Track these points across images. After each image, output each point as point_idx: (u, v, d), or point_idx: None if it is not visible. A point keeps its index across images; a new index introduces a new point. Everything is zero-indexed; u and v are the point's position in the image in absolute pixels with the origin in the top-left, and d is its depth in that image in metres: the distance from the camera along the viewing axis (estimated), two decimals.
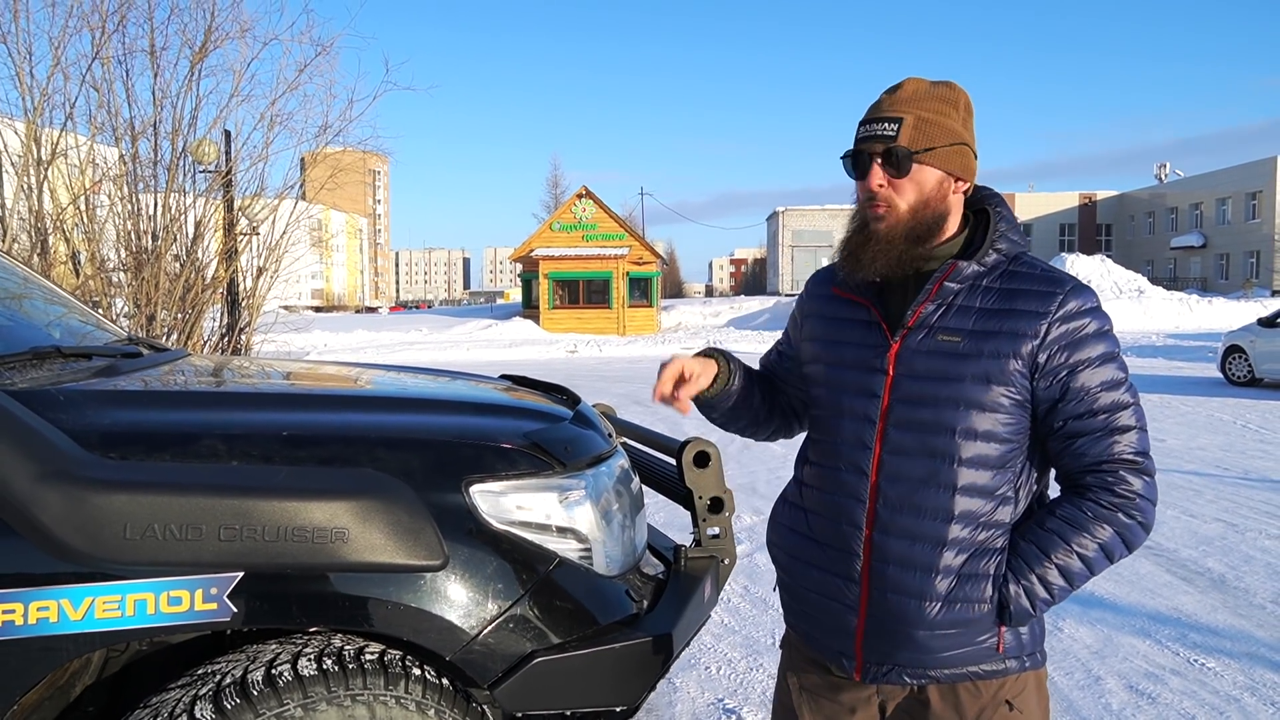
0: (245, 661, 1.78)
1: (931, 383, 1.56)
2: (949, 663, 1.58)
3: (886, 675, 1.62)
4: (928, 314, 1.59)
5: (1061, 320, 1.54)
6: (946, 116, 1.59)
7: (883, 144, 1.57)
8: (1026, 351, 1.53)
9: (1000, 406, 1.54)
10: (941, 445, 1.55)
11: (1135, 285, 35.86)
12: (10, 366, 2.05)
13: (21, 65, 8.49)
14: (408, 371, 2.97)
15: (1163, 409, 11.84)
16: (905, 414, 1.58)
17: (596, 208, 37.14)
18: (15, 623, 1.62)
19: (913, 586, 1.56)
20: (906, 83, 1.61)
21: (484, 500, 1.89)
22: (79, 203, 8.87)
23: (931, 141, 1.57)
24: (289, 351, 12.32)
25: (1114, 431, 1.54)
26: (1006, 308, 1.56)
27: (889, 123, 1.57)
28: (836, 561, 1.64)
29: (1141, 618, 4.39)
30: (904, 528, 1.57)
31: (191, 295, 9.36)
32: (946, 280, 1.59)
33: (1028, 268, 1.62)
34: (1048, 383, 1.54)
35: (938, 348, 1.57)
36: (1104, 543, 1.53)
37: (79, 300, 7.73)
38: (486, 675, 1.84)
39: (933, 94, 1.59)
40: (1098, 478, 1.54)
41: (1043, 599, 1.54)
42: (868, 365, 1.63)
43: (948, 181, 1.60)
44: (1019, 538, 1.57)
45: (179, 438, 1.81)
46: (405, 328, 36.20)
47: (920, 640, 1.57)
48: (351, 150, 11.88)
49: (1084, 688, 3.61)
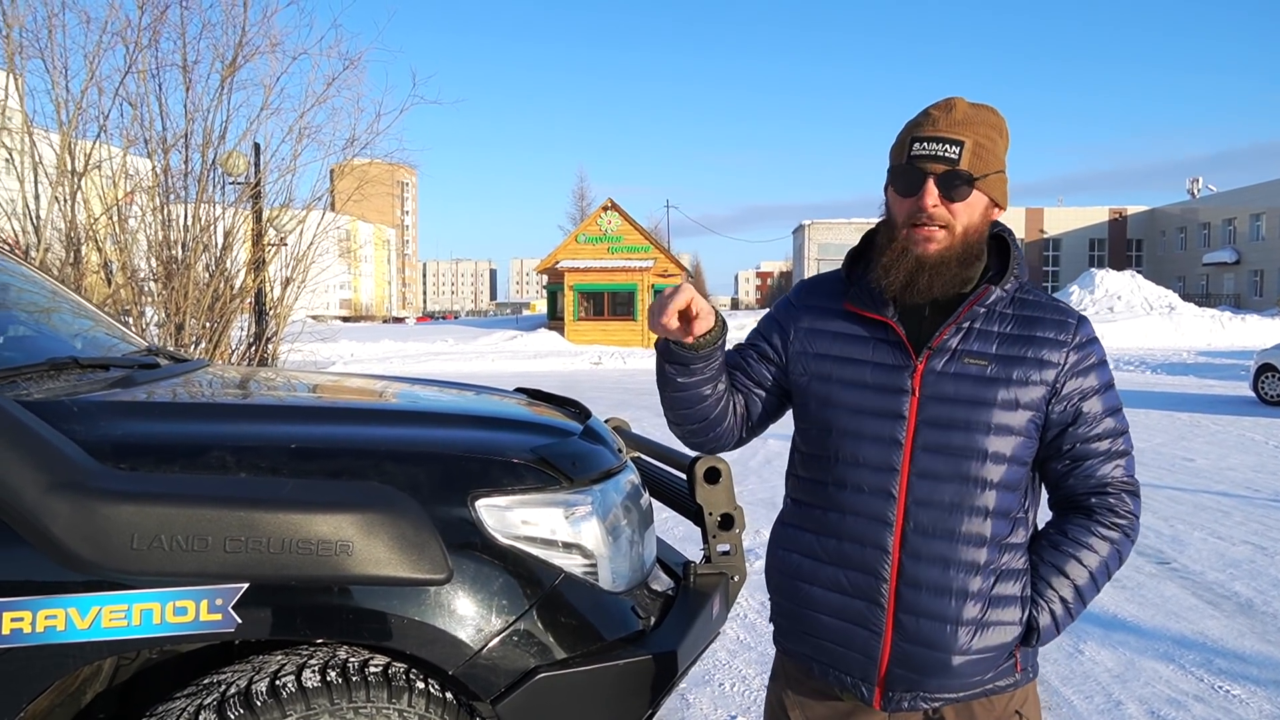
0: (250, 672, 1.79)
1: (962, 406, 1.57)
2: (974, 686, 1.59)
3: (911, 703, 1.60)
4: (950, 336, 1.59)
5: (1076, 348, 1.60)
6: (995, 144, 1.59)
7: (945, 165, 1.55)
8: (1049, 376, 1.58)
9: (1024, 430, 1.58)
10: (973, 469, 1.56)
11: (1166, 301, 35.43)
12: (28, 377, 2.09)
13: (58, 79, 8.67)
14: (422, 384, 2.98)
15: (1192, 428, 11.66)
16: (935, 438, 1.57)
17: (622, 220, 37.24)
18: (24, 630, 1.64)
19: (948, 612, 1.55)
20: (958, 103, 1.58)
21: (489, 515, 1.89)
22: (111, 213, 9.02)
23: (987, 168, 1.57)
24: (315, 361, 12.43)
25: (1115, 455, 1.62)
26: (1028, 334, 1.60)
27: (950, 144, 1.54)
28: (859, 586, 1.60)
29: (1165, 641, 4.31)
30: (938, 553, 1.56)
31: (220, 305, 9.48)
32: (976, 304, 1.60)
33: (1034, 296, 1.66)
34: (1063, 407, 1.59)
35: (965, 371, 1.58)
36: (1107, 559, 1.61)
37: (110, 309, 7.80)
38: (489, 690, 1.84)
39: (984, 119, 1.58)
40: (1101, 499, 1.62)
41: (1063, 618, 1.60)
42: (892, 386, 1.60)
43: (991, 209, 1.62)
44: (1038, 560, 1.62)
45: (188, 449, 1.83)
46: (431, 338, 36.43)
47: (955, 666, 1.56)
48: (378, 162, 12.00)
49: (1104, 712, 3.55)
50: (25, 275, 3.02)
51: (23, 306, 2.83)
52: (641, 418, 12.57)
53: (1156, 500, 7.22)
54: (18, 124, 8.44)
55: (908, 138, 1.59)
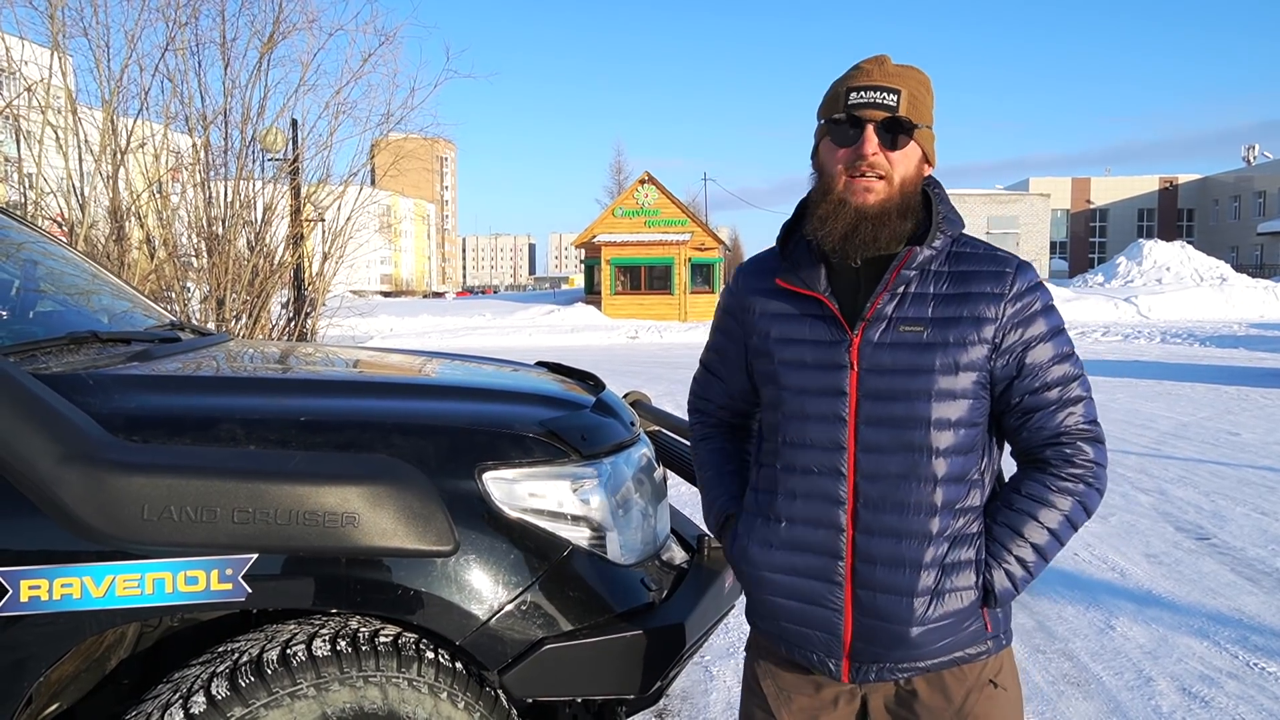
0: (263, 640, 1.82)
1: (900, 375, 1.54)
2: (939, 653, 1.57)
3: (878, 674, 1.59)
4: (884, 304, 1.55)
5: (1015, 299, 1.55)
6: (925, 99, 1.57)
7: (885, 112, 1.52)
8: (988, 333, 1.54)
9: (969, 392, 1.55)
10: (919, 439, 1.53)
11: (1217, 273, 34.53)
12: (47, 351, 2.13)
13: (100, 57, 8.80)
14: (438, 357, 3.00)
15: (1240, 402, 11.39)
16: (877, 410, 1.55)
17: (659, 194, 37.07)
18: (40, 598, 1.68)
19: (903, 584, 1.53)
20: (886, 59, 1.57)
21: (497, 487, 1.90)
22: (153, 189, 9.16)
23: (922, 119, 1.56)
24: (353, 336, 12.58)
25: (1068, 403, 1.57)
26: (963, 291, 1.56)
27: (888, 93, 1.52)
28: (817, 567, 1.59)
29: (1200, 618, 4.23)
30: (889, 526, 1.54)
31: (259, 280, 9.61)
32: (903, 268, 1.55)
33: (971, 248, 1.61)
34: (1005, 361, 1.56)
35: (901, 339, 1.54)
36: (1069, 513, 1.57)
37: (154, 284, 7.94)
38: (497, 660, 1.85)
39: (913, 75, 1.57)
40: (1057, 450, 1.57)
41: (1022, 578, 1.57)
42: (830, 362, 1.57)
43: (923, 163, 1.60)
44: (991, 521, 1.59)
45: (199, 422, 1.85)
46: (469, 313, 36.67)
47: (914, 638, 1.54)
48: (416, 137, 12.03)
49: (1133, 688, 3.51)
50: (55, 252, 3.08)
51: (50, 283, 2.88)
52: (675, 391, 12.57)
53: (1198, 475, 7.08)
54: (63, 102, 8.59)
55: (842, 89, 1.56)
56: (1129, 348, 20.31)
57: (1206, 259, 36.16)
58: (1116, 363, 16.54)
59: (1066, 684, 3.55)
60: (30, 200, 8.45)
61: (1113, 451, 7.86)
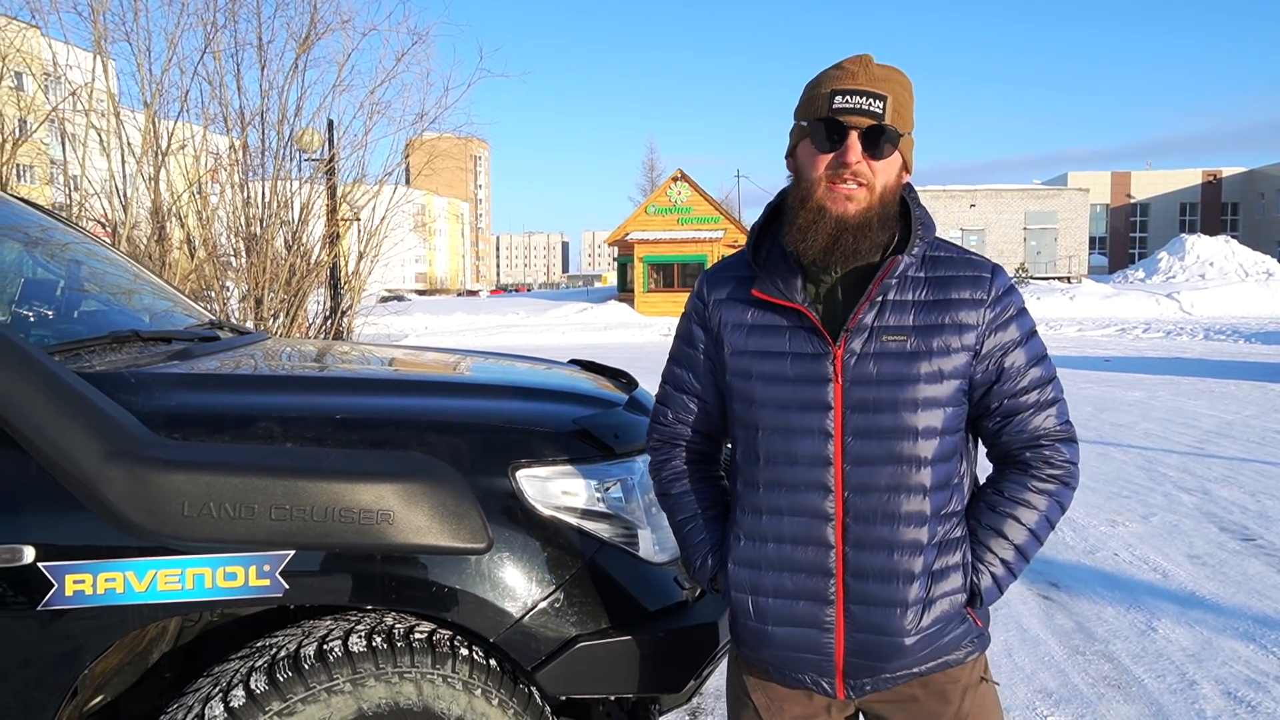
0: (300, 636, 1.84)
1: (886, 386, 1.51)
2: (933, 656, 1.57)
3: (874, 686, 1.58)
4: (864, 314, 1.52)
5: (993, 303, 1.55)
6: (908, 105, 1.54)
7: (870, 119, 1.47)
8: (970, 340, 1.53)
9: (952, 399, 1.54)
10: (907, 449, 1.51)
11: (1263, 268, 33.81)
12: (91, 350, 2.17)
13: (141, 60, 8.96)
14: (474, 355, 3.02)
15: None
16: (863, 422, 1.51)
17: (692, 191, 37.02)
18: (85, 593, 1.71)
19: (896, 596, 1.52)
20: (870, 59, 1.52)
21: (530, 485, 1.91)
22: (193, 190, 9.31)
23: (906, 126, 1.53)
24: (389, 335, 12.70)
25: (1045, 405, 1.57)
26: (944, 298, 1.54)
27: (875, 99, 1.47)
28: (807, 586, 1.55)
29: (1246, 620, 4.14)
30: (880, 539, 1.52)
31: (296, 279, 9.73)
32: (885, 277, 1.52)
33: (944, 251, 1.59)
34: (985, 366, 1.55)
35: (884, 349, 1.51)
36: (1046, 512, 1.57)
37: (194, 283, 8.07)
38: (531, 658, 1.86)
39: (897, 79, 1.52)
40: (1036, 453, 1.58)
41: (1005, 577, 1.58)
42: (814, 376, 1.53)
43: (902, 171, 1.56)
44: (975, 523, 1.59)
45: (238, 419, 1.88)
46: (503, 311, 36.88)
47: (908, 646, 1.53)
48: (449, 136, 12.12)
49: (1176, 692, 3.44)
50: (99, 252, 3.14)
51: (94, 283, 2.94)
52: None
53: (1244, 474, 6.94)
54: (106, 106, 8.75)
55: (824, 91, 1.50)
56: (1171, 344, 19.94)
57: (1252, 254, 35.42)
58: (1158, 360, 16.26)
59: (1107, 686, 3.50)
60: (75, 202, 8.63)
61: (1155, 450, 7.74)
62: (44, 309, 2.67)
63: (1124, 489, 6.55)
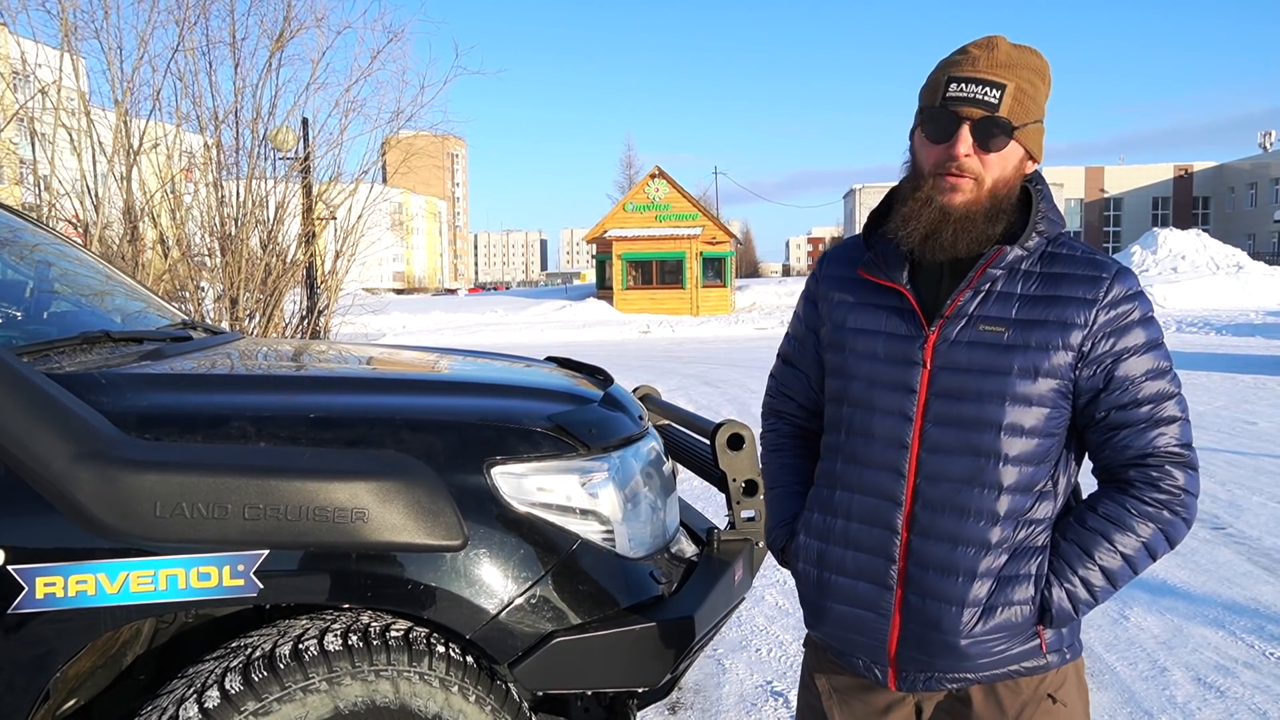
0: (275, 635, 1.84)
1: (974, 376, 1.47)
2: (990, 666, 1.51)
3: (925, 683, 1.54)
4: (965, 301, 1.48)
5: (1109, 306, 1.46)
6: (1038, 90, 1.46)
7: (982, 110, 1.42)
8: (1075, 340, 1.45)
9: (1046, 400, 1.46)
10: (986, 443, 1.46)
11: (1234, 260, 34.20)
12: (60, 351, 2.15)
13: (112, 58, 8.86)
14: (447, 353, 3.01)
15: (1256, 390, 11.30)
16: (945, 409, 1.48)
17: (670, 188, 37.02)
18: (56, 595, 1.70)
19: (954, 593, 1.48)
20: (1000, 41, 1.45)
21: (505, 482, 1.91)
22: (166, 189, 9.22)
23: (1027, 116, 1.45)
24: (366, 334, 12.62)
25: (1159, 423, 1.46)
26: (1052, 294, 1.47)
27: (991, 88, 1.41)
28: (869, 568, 1.54)
29: (1215, 607, 4.21)
30: (946, 531, 1.48)
31: (272, 279, 9.66)
32: (990, 266, 1.47)
33: (1068, 249, 1.51)
34: (1092, 371, 1.46)
35: (979, 338, 1.47)
36: (1147, 541, 1.46)
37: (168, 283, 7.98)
38: (507, 654, 1.86)
39: (1027, 62, 1.45)
40: (1141, 472, 1.47)
41: (1085, 600, 1.48)
42: (903, 357, 1.52)
43: (1025, 161, 1.50)
44: (1059, 537, 1.50)
45: (210, 419, 1.87)
46: (482, 309, 36.75)
47: (960, 648, 1.48)
48: (425, 134, 12.05)
49: (1148, 679, 3.49)
50: (70, 254, 3.10)
51: (64, 284, 2.91)
52: (688, 385, 12.56)
53: (1214, 464, 7.04)
54: (77, 104, 8.64)
55: (943, 77, 1.45)
56: None
57: (1222, 247, 35.83)
58: None
59: None
60: (45, 202, 8.52)
61: None
62: (12, 310, 2.65)
63: None
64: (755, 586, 3.95)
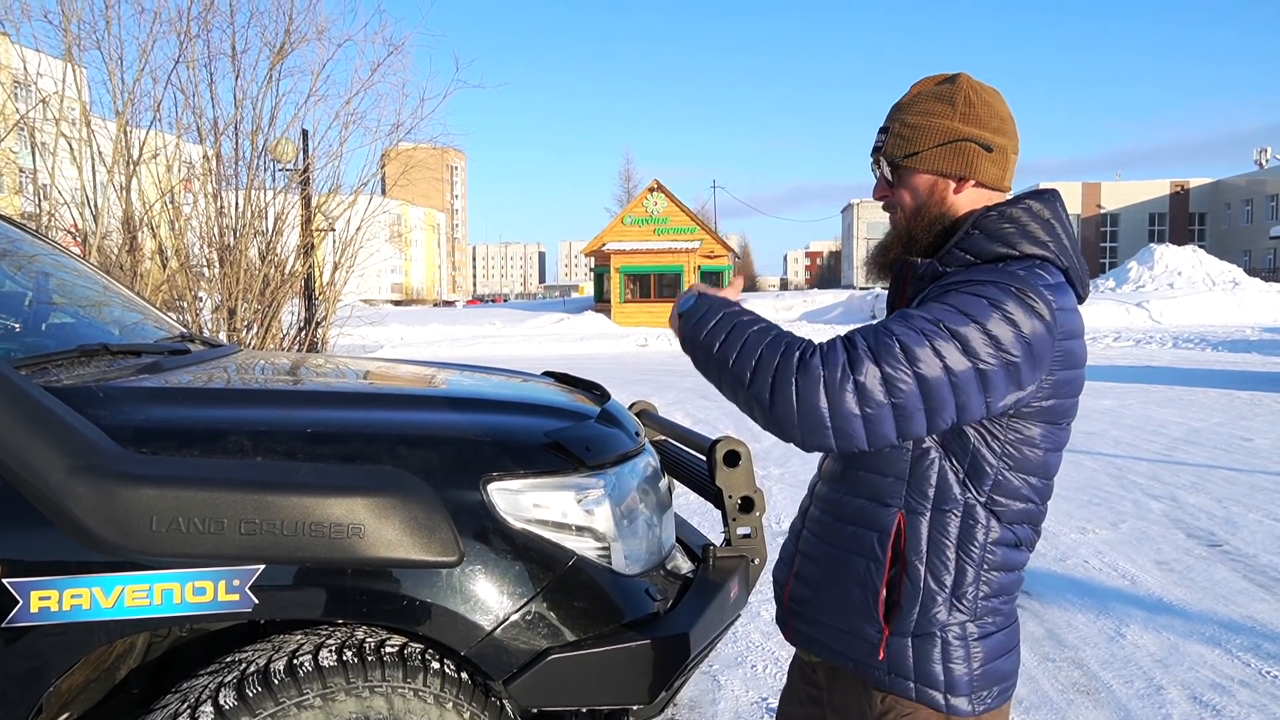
0: (270, 651, 1.83)
1: None
2: (834, 646, 1.62)
3: (801, 643, 1.72)
4: None
5: (948, 281, 1.46)
6: (938, 116, 1.56)
7: (875, 155, 1.64)
8: None
9: None
10: None
11: (1230, 276, 34.31)
12: (58, 364, 2.15)
13: (113, 69, 8.88)
14: (445, 368, 3.01)
15: (1252, 407, 11.31)
16: None
17: (668, 201, 37.12)
18: (51, 609, 1.69)
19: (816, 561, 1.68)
20: (914, 86, 1.63)
21: (501, 498, 1.91)
22: (166, 199, 9.23)
23: (914, 146, 1.57)
24: (364, 346, 12.61)
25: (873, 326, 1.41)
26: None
27: (881, 132, 1.62)
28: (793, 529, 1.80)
29: (1212, 625, 4.21)
30: (825, 499, 1.70)
31: (270, 290, 9.66)
32: (909, 280, 1.60)
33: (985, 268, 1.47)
34: None
35: None
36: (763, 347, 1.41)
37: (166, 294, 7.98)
38: (502, 670, 1.86)
39: (929, 93, 1.59)
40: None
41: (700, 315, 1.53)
42: None
43: (942, 183, 1.57)
44: None
45: (207, 433, 1.87)
46: (479, 322, 36.75)
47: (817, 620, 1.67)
48: (425, 146, 12.08)
49: (1143, 697, 3.49)
50: (68, 264, 3.11)
51: (63, 295, 2.91)
52: (685, 400, 12.55)
53: (1211, 481, 7.04)
54: (78, 114, 8.67)
55: None
56: (1140, 353, 20.20)
57: (1219, 263, 35.95)
58: (1128, 368, 16.46)
59: (1076, 692, 3.54)
60: (45, 212, 8.53)
61: (1125, 458, 7.82)
62: (10, 322, 2.65)
63: (1094, 496, 6.63)
64: (751, 603, 3.95)
